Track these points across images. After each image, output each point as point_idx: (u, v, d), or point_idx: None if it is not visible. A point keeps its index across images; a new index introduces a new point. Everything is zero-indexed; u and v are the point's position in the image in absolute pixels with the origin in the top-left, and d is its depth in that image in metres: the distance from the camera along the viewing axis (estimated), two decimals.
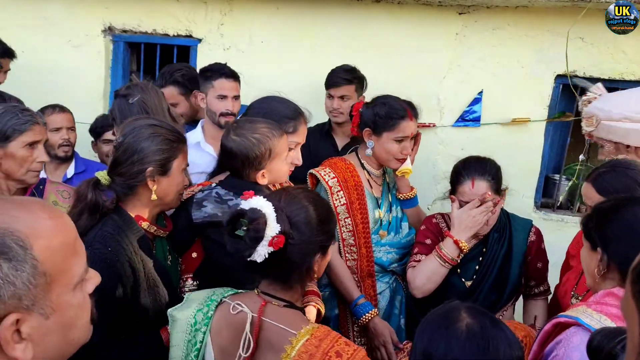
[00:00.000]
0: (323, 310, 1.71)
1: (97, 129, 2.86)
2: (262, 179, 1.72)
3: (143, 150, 1.50)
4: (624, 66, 2.98)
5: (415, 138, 2.31)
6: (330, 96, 2.83)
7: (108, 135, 2.79)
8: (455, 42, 3.13)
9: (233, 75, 2.49)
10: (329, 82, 2.82)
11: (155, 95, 2.05)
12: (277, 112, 1.89)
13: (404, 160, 2.20)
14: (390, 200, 2.32)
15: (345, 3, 3.19)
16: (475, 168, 2.02)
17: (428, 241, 2.15)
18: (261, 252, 1.20)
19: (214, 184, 1.76)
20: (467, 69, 3.12)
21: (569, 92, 3.04)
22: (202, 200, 1.70)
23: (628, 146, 2.10)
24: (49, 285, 0.73)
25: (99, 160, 2.94)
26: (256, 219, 1.20)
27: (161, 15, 3.33)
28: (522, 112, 3.09)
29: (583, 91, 3.02)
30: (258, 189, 1.55)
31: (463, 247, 2.00)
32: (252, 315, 1.23)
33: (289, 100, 1.97)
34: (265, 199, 1.26)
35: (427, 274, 2.03)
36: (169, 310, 1.36)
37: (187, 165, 1.63)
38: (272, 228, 1.21)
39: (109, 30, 3.43)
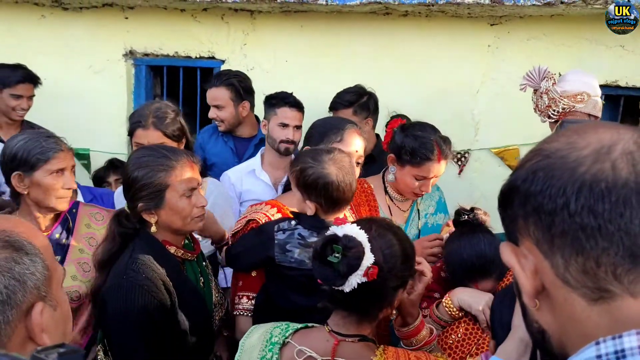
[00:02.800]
0: None
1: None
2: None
3: (136, 182, 1.51)
4: None
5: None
6: None
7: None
8: (487, 54, 3.02)
9: (297, 105, 2.52)
10: (330, 106, 2.78)
11: None
12: (327, 123, 2.02)
13: (421, 195, 2.07)
14: (419, 229, 2.16)
15: (371, 18, 3.09)
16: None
17: (436, 295, 1.90)
18: (353, 282, 1.16)
19: (293, 223, 1.68)
20: (502, 82, 3.00)
21: (611, 101, 2.90)
22: (286, 243, 1.63)
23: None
24: (50, 279, 0.80)
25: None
26: (353, 247, 1.17)
27: (183, 37, 3.28)
28: None
29: (629, 101, 2.88)
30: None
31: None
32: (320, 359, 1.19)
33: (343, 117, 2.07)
34: (359, 227, 1.22)
35: None
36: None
37: (195, 186, 1.56)
38: (368, 258, 1.17)
39: (130, 54, 3.38)
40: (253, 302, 1.72)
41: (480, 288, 1.65)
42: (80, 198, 2.65)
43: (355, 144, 1.95)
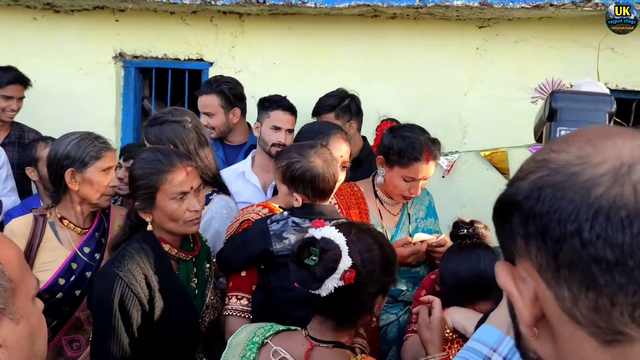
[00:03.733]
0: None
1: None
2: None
3: (133, 181, 1.62)
4: None
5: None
6: None
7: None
8: (476, 56, 3.00)
9: (290, 109, 2.52)
10: (312, 111, 2.76)
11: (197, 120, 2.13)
12: (314, 128, 2.09)
13: (410, 198, 2.05)
14: (410, 233, 2.13)
15: (359, 20, 3.09)
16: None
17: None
18: (329, 286, 1.15)
19: (285, 213, 1.73)
20: (490, 85, 2.98)
21: None
22: (282, 231, 1.68)
23: None
24: (14, 291, 0.77)
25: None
26: (330, 250, 1.15)
27: (172, 40, 3.29)
28: None
29: (619, 104, 2.85)
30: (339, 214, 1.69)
31: None
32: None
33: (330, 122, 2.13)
34: (337, 230, 1.20)
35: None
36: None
37: (187, 190, 1.62)
38: (345, 261, 1.15)
39: (120, 56, 3.39)
40: (242, 302, 1.72)
41: (477, 310, 1.52)
42: None
43: (341, 149, 1.98)
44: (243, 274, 1.75)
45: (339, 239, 1.17)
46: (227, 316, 1.72)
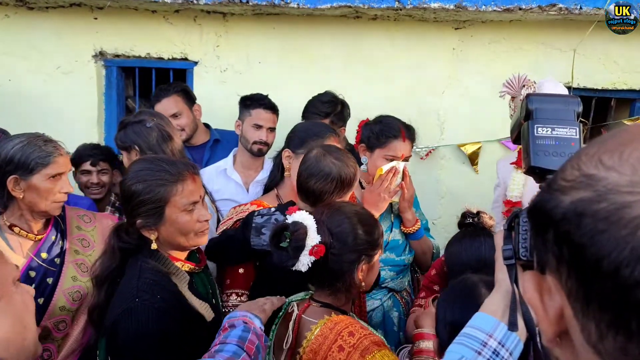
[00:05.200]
0: None
1: (76, 159, 2.72)
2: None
3: (134, 197, 1.44)
4: (616, 76, 3.07)
5: (403, 172, 2.16)
6: None
7: (86, 165, 2.69)
8: (452, 56, 3.17)
9: (272, 108, 2.55)
10: (303, 115, 2.69)
11: (167, 122, 2.08)
12: (309, 129, 2.05)
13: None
14: (392, 221, 2.29)
15: (341, 21, 3.19)
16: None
17: (436, 287, 2.06)
18: (304, 262, 1.31)
19: (272, 209, 1.76)
20: (466, 83, 3.16)
21: None
22: (262, 227, 1.71)
23: None
24: None
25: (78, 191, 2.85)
26: (297, 230, 1.31)
27: (155, 39, 3.27)
28: None
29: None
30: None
31: None
32: (296, 314, 1.38)
33: (324, 123, 2.15)
34: (308, 213, 1.36)
35: None
36: None
37: (197, 199, 1.51)
38: (313, 238, 1.31)
39: (101, 55, 3.34)
40: (242, 298, 1.78)
41: None
42: None
43: None
44: (240, 270, 1.79)
45: (308, 220, 1.34)
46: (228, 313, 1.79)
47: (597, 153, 0.45)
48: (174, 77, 3.34)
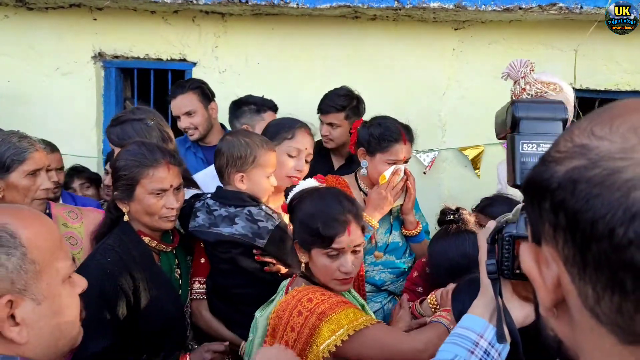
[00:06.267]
0: None
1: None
2: (240, 183, 1.81)
3: (115, 171, 1.65)
4: (619, 77, 3.04)
5: (406, 174, 2.17)
6: (321, 121, 2.79)
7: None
8: (452, 57, 3.15)
9: (277, 109, 2.63)
10: (319, 108, 2.75)
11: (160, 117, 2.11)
12: (280, 123, 2.09)
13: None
14: (391, 223, 2.27)
15: (341, 21, 3.18)
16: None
17: (419, 289, 2.04)
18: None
19: (209, 195, 1.86)
20: (466, 84, 3.14)
21: None
22: (197, 210, 1.81)
23: None
24: (39, 273, 0.81)
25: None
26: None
27: (153, 40, 3.26)
28: None
29: (581, 102, 3.07)
30: (243, 199, 1.77)
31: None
32: (285, 285, 1.55)
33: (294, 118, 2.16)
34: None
35: None
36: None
37: (166, 187, 1.64)
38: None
39: (100, 56, 3.34)
40: (203, 286, 1.87)
41: None
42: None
43: (305, 142, 2.06)
44: (202, 260, 1.87)
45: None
46: (193, 300, 1.85)
47: (589, 125, 0.47)
48: (172, 78, 3.33)
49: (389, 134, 2.11)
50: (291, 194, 1.59)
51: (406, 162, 2.17)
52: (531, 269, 0.51)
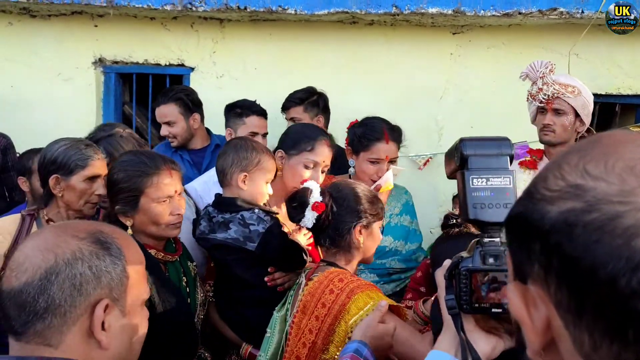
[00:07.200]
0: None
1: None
2: (242, 184, 1.82)
3: (114, 185, 1.62)
4: (621, 80, 2.98)
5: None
6: (286, 120, 2.80)
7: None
8: (450, 61, 3.12)
9: (263, 114, 2.58)
10: (282, 106, 2.78)
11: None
12: (301, 131, 2.06)
13: (378, 183, 2.16)
14: (382, 226, 2.24)
15: (338, 27, 3.17)
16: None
17: (422, 289, 2.04)
18: (308, 217, 1.50)
19: (212, 203, 1.88)
20: (465, 89, 3.10)
21: None
22: (201, 217, 1.85)
23: (577, 125, 2.21)
24: (129, 289, 0.87)
25: None
26: (303, 192, 1.54)
27: (152, 45, 3.30)
28: (522, 130, 3.06)
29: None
30: (237, 205, 1.78)
31: None
32: (308, 272, 1.56)
33: (317, 126, 2.18)
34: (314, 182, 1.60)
35: None
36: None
37: (171, 194, 1.64)
38: (315, 197, 1.51)
39: (100, 61, 3.38)
40: (212, 288, 1.94)
41: None
42: None
43: (324, 155, 2.04)
44: (212, 264, 1.95)
45: (312, 185, 1.56)
46: (210, 302, 1.89)
47: (580, 162, 0.44)
48: (170, 83, 3.35)
49: (370, 132, 2.13)
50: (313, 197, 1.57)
51: (392, 162, 2.15)
52: (519, 310, 0.48)
